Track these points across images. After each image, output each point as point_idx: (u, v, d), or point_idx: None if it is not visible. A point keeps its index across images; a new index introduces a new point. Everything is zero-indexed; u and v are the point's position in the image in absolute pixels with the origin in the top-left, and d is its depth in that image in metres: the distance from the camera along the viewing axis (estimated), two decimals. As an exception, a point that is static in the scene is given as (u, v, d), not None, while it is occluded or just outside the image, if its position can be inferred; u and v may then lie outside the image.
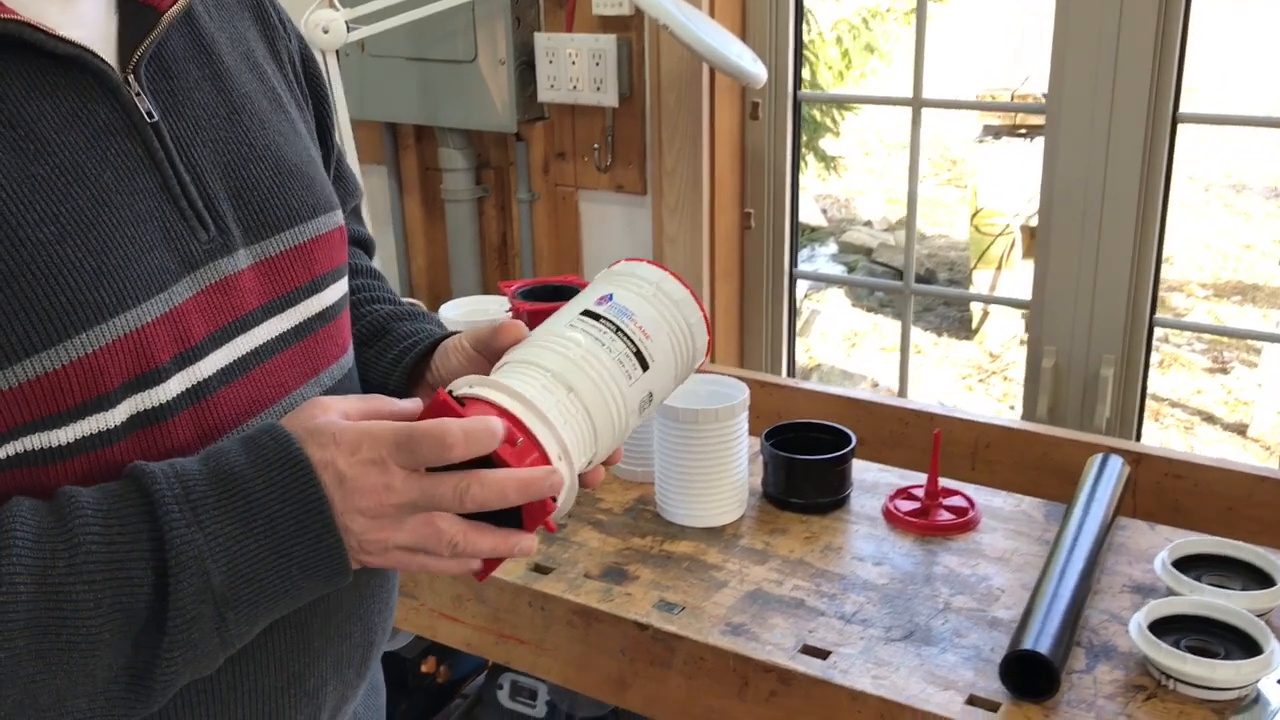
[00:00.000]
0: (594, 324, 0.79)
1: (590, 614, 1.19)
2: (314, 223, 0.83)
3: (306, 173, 0.83)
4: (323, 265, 0.83)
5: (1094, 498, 1.29)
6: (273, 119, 0.83)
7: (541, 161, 2.17)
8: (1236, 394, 4.64)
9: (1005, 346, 5.27)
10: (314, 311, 0.82)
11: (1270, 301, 5.47)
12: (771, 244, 2.13)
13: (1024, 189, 5.32)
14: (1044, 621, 1.07)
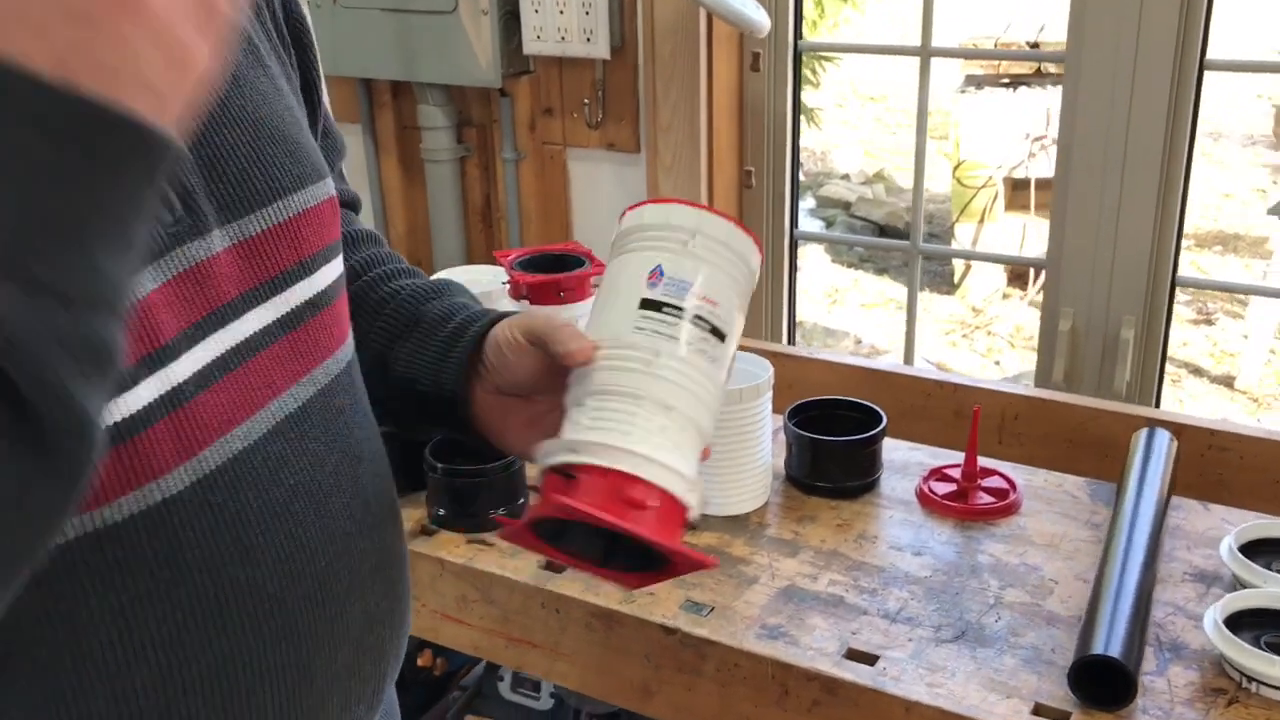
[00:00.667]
0: (660, 318, 0.72)
1: (611, 617, 1.09)
2: (300, 195, 0.71)
3: (290, 137, 0.72)
4: (312, 244, 0.72)
5: (1145, 477, 1.20)
6: (249, 75, 0.71)
7: (527, 118, 2.04)
8: (1222, 346, 4.59)
9: (988, 301, 5.20)
10: (304, 298, 0.71)
11: (1252, 251, 5.43)
12: (772, 204, 2.02)
13: (1007, 140, 5.22)
14: (1111, 621, 0.98)
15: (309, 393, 0.71)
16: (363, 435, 0.76)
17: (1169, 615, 1.05)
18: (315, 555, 0.69)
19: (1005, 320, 5.05)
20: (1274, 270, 4.61)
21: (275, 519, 0.67)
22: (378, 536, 0.76)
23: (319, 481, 0.70)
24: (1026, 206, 5.20)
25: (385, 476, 0.79)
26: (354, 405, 0.76)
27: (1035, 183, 5.16)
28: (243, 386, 0.66)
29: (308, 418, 0.70)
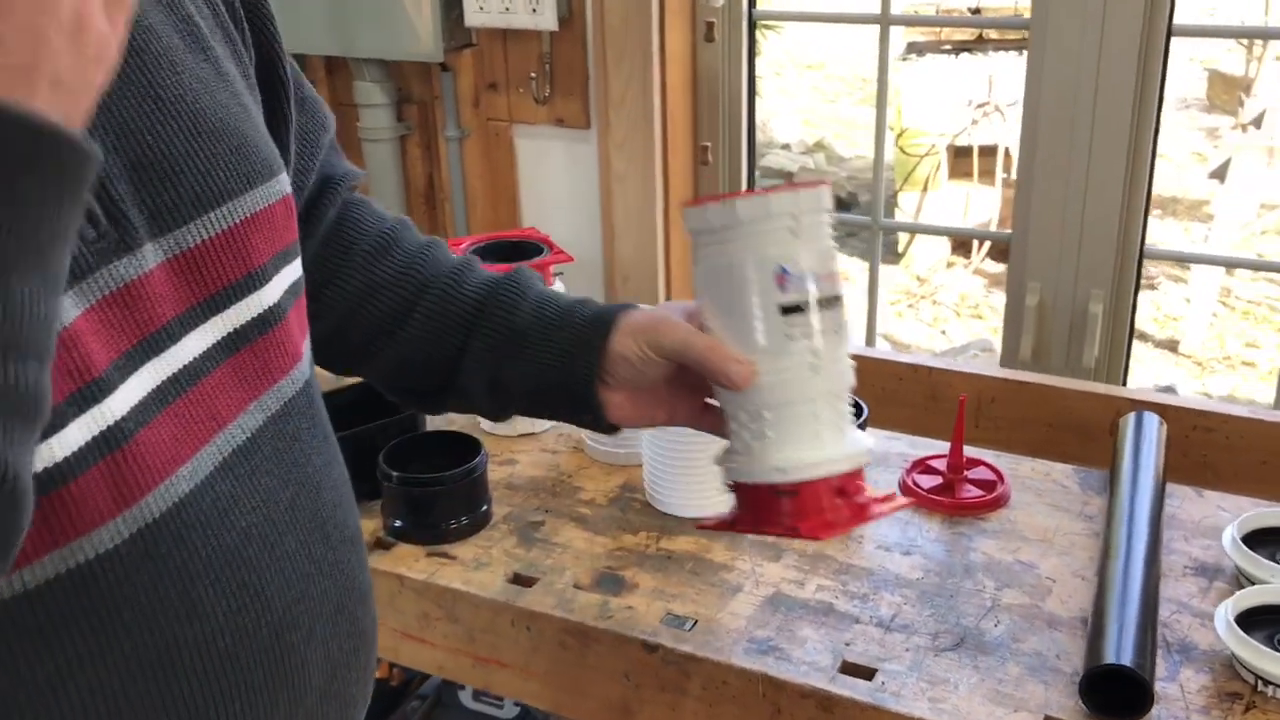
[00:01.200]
0: (803, 318, 0.77)
1: (586, 633, 1.02)
2: (248, 197, 0.63)
3: (236, 129, 0.63)
4: (263, 252, 0.64)
5: (1139, 466, 1.15)
6: (186, 60, 0.62)
7: (471, 94, 1.95)
8: (1166, 310, 4.62)
9: (932, 270, 5.18)
10: (252, 315, 0.63)
11: (1190, 214, 5.46)
12: (729, 180, 1.94)
13: (949, 108, 5.19)
14: (1120, 625, 0.92)
15: (258, 421, 0.63)
16: (321, 461, 0.68)
17: (1174, 614, 1.00)
18: (270, 603, 0.62)
19: (950, 289, 5.04)
20: (1215, 234, 4.64)
21: (225, 567, 0.59)
22: (339, 573, 0.68)
23: (273, 520, 0.62)
24: (970, 174, 5.18)
25: (346, 503, 0.71)
26: (311, 429, 0.67)
27: (978, 150, 5.14)
28: (185, 420, 0.58)
29: (258, 449, 0.62)
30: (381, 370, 0.92)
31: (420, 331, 0.87)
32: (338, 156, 0.90)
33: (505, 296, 0.86)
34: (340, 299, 0.88)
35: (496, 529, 1.16)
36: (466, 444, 1.17)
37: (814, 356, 0.77)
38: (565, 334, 0.84)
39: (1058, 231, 1.73)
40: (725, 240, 0.78)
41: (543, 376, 0.85)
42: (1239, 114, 5.90)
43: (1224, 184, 4.75)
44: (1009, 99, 5.14)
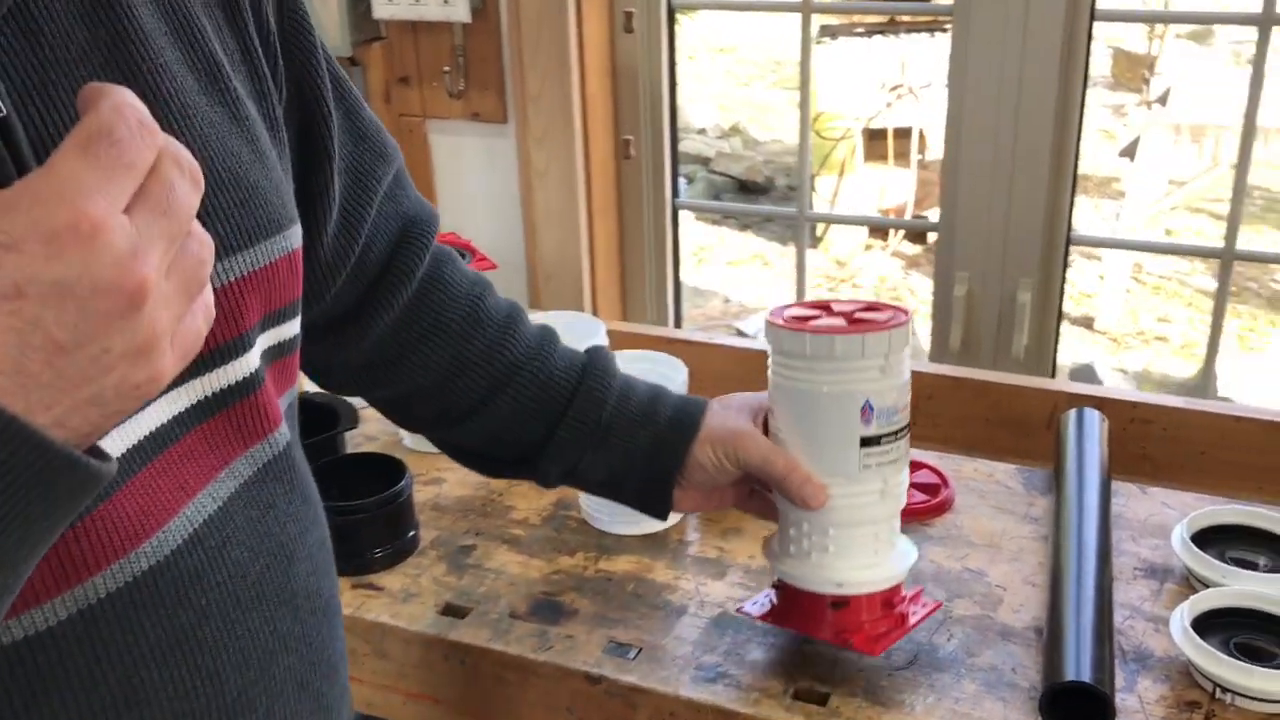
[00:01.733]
0: (880, 450, 0.84)
1: (525, 667, 0.96)
2: (249, 253, 0.57)
3: (244, 180, 0.58)
4: (255, 312, 0.58)
5: (1083, 465, 1.12)
6: (201, 102, 0.57)
7: (381, 89, 1.87)
8: (1080, 287, 4.68)
9: (851, 253, 5.20)
10: (233, 380, 0.57)
11: (1100, 191, 5.55)
12: (652, 174, 1.89)
13: (863, 91, 5.20)
14: (1077, 637, 0.89)
15: (231, 488, 0.57)
16: (297, 529, 0.62)
17: (1128, 619, 0.98)
18: (224, 685, 0.56)
19: (869, 272, 5.06)
20: (1126, 211, 4.71)
21: (175, 649, 0.53)
22: (306, 647, 0.62)
23: (237, 596, 0.56)
24: (885, 157, 5.20)
25: (322, 569, 0.65)
26: (288, 493, 0.61)
27: (893, 133, 5.16)
28: (150, 492, 0.52)
29: (230, 519, 0.57)
30: (453, 441, 0.95)
31: (506, 415, 0.90)
32: (408, 193, 0.84)
33: (593, 387, 0.89)
34: (424, 371, 0.87)
35: (425, 555, 1.10)
36: (389, 466, 1.11)
37: (884, 484, 0.84)
38: (648, 433, 0.89)
39: (984, 221, 1.71)
40: (815, 370, 0.83)
41: (621, 472, 0.90)
42: (1144, 91, 6.00)
43: (1134, 162, 4.83)
44: (922, 81, 5.17)
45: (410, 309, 0.86)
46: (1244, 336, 4.35)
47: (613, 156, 1.87)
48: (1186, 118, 5.06)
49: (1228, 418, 1.29)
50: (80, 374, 0.40)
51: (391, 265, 0.83)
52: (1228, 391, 3.66)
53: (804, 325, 0.84)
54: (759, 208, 5.64)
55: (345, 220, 0.76)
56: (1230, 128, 4.72)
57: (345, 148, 0.75)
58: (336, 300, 0.81)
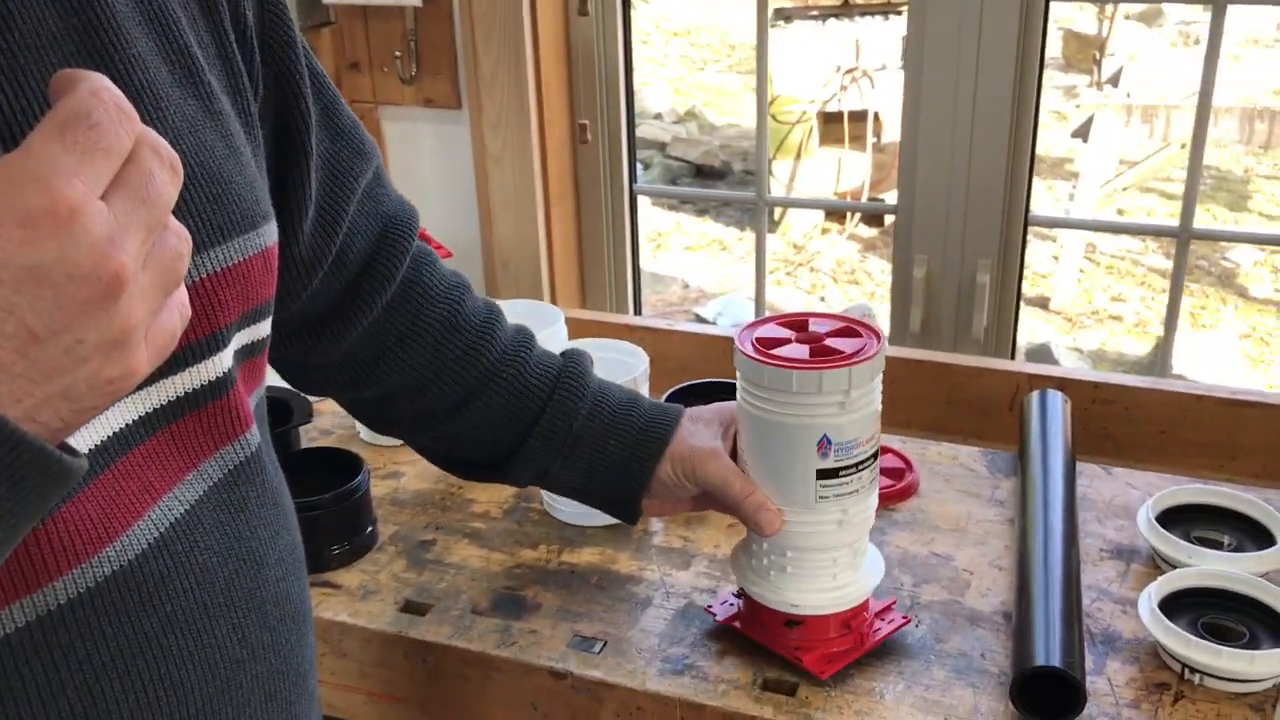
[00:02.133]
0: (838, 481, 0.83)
1: (488, 663, 0.94)
2: (222, 250, 0.55)
3: (217, 175, 0.56)
4: (230, 311, 0.56)
5: (1048, 448, 1.12)
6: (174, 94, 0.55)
7: (332, 74, 1.82)
8: (1035, 268, 4.71)
9: (808, 237, 5.20)
10: (205, 380, 0.55)
11: (1052, 173, 5.59)
12: (609, 158, 1.87)
13: (818, 74, 5.20)
14: (1046, 622, 0.89)
15: (199, 490, 0.55)
16: (267, 533, 0.59)
17: (1095, 601, 0.98)
18: (189, 696, 0.54)
19: (826, 256, 5.07)
20: (1080, 193, 4.74)
21: (139, 658, 0.51)
22: (274, 656, 0.60)
23: (204, 602, 0.54)
24: (841, 140, 5.20)
25: (292, 575, 0.63)
26: (259, 496, 0.59)
27: (848, 116, 5.17)
28: (113, 494, 0.50)
29: (198, 523, 0.54)
30: (426, 442, 0.95)
31: (480, 421, 0.89)
32: (388, 191, 0.82)
33: (566, 396, 0.89)
34: (401, 373, 0.86)
35: (383, 551, 1.07)
36: (346, 460, 1.08)
37: (842, 514, 0.84)
38: (618, 445, 0.89)
39: (943, 201, 1.70)
40: (773, 401, 0.82)
41: (591, 480, 0.91)
42: (1095, 73, 6.05)
43: (1086, 142, 4.87)
44: (876, 64, 5.18)
45: (390, 311, 0.85)
46: (1196, 314, 4.40)
47: (569, 141, 1.85)
48: (1137, 98, 5.11)
49: (1189, 396, 1.29)
50: (53, 365, 0.39)
51: (372, 265, 0.82)
52: (1181, 369, 3.70)
53: (766, 353, 0.83)
54: (718, 193, 5.63)
55: (322, 217, 0.75)
56: (1180, 107, 4.77)
57: (323, 145, 0.74)
58: (314, 299, 0.79)
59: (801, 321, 0.88)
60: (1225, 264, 4.77)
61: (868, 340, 0.83)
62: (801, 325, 0.87)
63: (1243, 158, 5.66)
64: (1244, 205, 5.33)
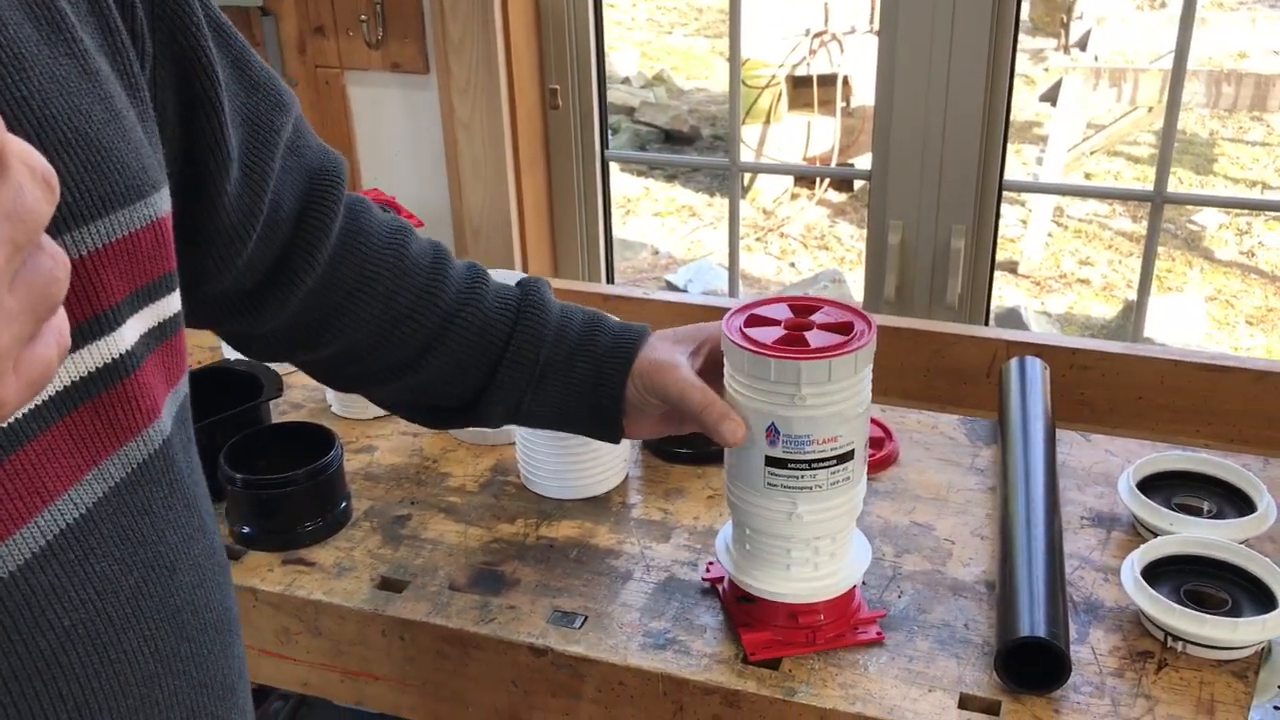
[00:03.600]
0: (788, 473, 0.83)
1: (466, 640, 0.93)
2: (104, 223, 0.50)
3: (96, 141, 0.51)
4: (117, 290, 0.51)
5: (1028, 415, 1.11)
6: (41, 54, 0.49)
7: (296, 39, 1.79)
8: (1003, 232, 4.72)
9: (777, 202, 5.18)
10: (95, 365, 0.50)
11: (1020, 137, 5.59)
12: (580, 124, 1.84)
13: (787, 38, 5.16)
14: (1030, 592, 0.88)
15: (97, 493, 0.50)
16: (178, 537, 0.55)
17: (1077, 569, 0.97)
18: (95, 717, 0.50)
19: (796, 221, 5.05)
20: (1049, 157, 4.75)
21: (35, 679, 0.47)
22: (196, 668, 0.56)
23: (109, 614, 0.50)
24: (810, 105, 5.17)
25: (211, 582, 0.58)
26: (168, 497, 0.54)
27: (817, 80, 5.14)
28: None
29: (95, 528, 0.50)
30: (389, 396, 0.93)
31: (443, 365, 0.87)
32: (309, 142, 0.78)
33: (529, 325, 0.88)
34: (354, 329, 0.84)
35: (358, 527, 1.05)
36: (318, 435, 1.06)
37: (792, 506, 0.83)
38: (585, 368, 0.88)
39: (917, 167, 1.69)
40: (733, 378, 0.84)
41: (565, 407, 0.89)
42: (1062, 36, 6.04)
43: (1055, 106, 4.86)
44: (845, 27, 5.15)
45: (332, 265, 0.81)
46: (1163, 278, 4.43)
47: (539, 107, 1.82)
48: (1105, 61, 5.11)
49: (1165, 362, 1.29)
50: None
51: (304, 221, 0.78)
52: (1149, 332, 3.72)
53: (738, 329, 0.83)
54: (691, 158, 5.59)
55: (247, 175, 0.70)
56: (1148, 70, 4.77)
57: (237, 99, 0.69)
58: (251, 266, 0.75)
59: (814, 305, 0.86)
60: (1191, 227, 4.80)
61: (849, 341, 0.81)
62: (812, 308, 0.86)
63: (1208, 121, 5.68)
64: (1209, 169, 5.36)
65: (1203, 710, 0.83)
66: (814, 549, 0.86)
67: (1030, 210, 4.70)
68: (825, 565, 0.88)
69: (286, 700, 1.50)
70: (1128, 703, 0.84)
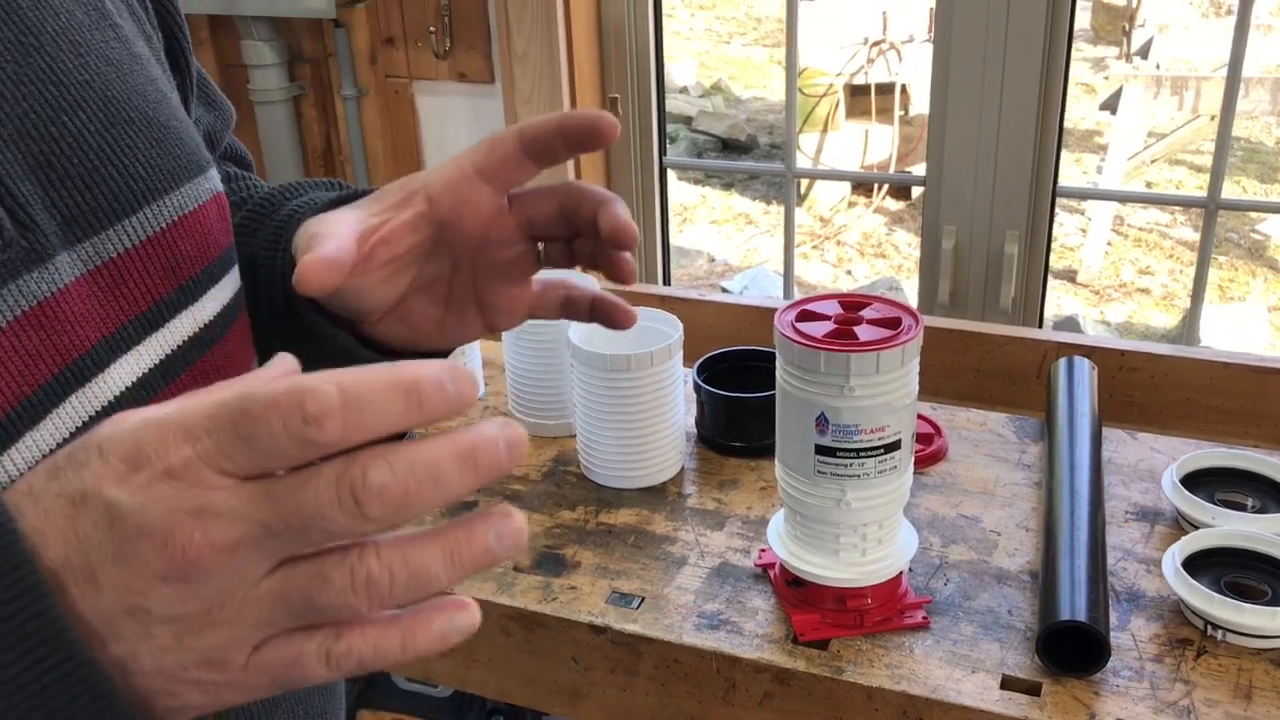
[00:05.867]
0: (836, 461, 0.86)
1: (530, 619, 0.98)
2: (175, 196, 0.54)
3: (155, 119, 0.55)
4: (195, 261, 0.55)
5: (1074, 412, 1.14)
6: (94, 38, 0.53)
7: (367, 50, 1.86)
8: (1063, 241, 4.70)
9: (834, 210, 5.20)
10: (188, 334, 0.54)
11: (1081, 145, 5.56)
12: (639, 132, 1.89)
13: (845, 47, 5.19)
14: (1072, 579, 0.91)
15: None
16: None
17: (1120, 561, 1.00)
18: None
19: (853, 229, 5.07)
20: (1108, 165, 4.72)
21: None
22: None
23: None
24: (868, 113, 5.19)
25: None
26: None
27: (875, 88, 5.15)
28: None
29: None
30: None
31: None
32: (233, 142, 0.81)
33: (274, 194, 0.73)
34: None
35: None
36: (390, 425, 1.12)
37: (840, 493, 0.87)
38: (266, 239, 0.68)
39: (971, 173, 1.72)
40: (788, 370, 0.87)
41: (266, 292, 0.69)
42: (1124, 44, 6.00)
43: (1115, 115, 4.84)
44: (903, 36, 5.16)
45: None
46: (1224, 287, 4.39)
47: (600, 115, 1.87)
48: (1167, 69, 5.07)
49: (1215, 364, 1.31)
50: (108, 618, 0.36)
51: None
52: (1209, 341, 3.70)
53: (794, 322, 0.87)
54: (746, 165, 5.63)
55: None
56: (1211, 79, 4.72)
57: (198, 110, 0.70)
58: None
59: (865, 301, 0.89)
60: (1255, 236, 4.74)
61: (895, 335, 0.85)
62: (863, 304, 0.89)
63: (1274, 129, 5.61)
64: (1275, 177, 5.29)
65: (1240, 695, 0.85)
66: (862, 535, 0.90)
67: (1090, 219, 4.68)
68: (873, 551, 0.91)
69: (353, 683, 1.56)
70: (1166, 687, 0.86)
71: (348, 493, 0.35)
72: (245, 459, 0.35)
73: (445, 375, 0.36)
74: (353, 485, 0.35)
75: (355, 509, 0.35)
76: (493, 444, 0.36)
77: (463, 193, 0.59)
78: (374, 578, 0.36)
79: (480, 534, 0.37)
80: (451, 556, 0.37)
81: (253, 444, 0.35)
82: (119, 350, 0.50)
